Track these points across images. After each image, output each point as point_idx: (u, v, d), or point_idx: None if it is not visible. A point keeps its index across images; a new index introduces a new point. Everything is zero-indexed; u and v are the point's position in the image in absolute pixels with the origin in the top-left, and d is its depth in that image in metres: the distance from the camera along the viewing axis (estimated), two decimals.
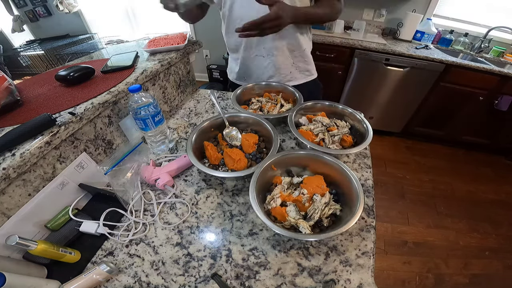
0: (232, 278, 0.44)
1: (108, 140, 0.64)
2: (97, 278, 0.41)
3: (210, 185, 0.60)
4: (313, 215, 0.47)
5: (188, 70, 0.96)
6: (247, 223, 0.52)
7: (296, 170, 0.59)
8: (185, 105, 0.92)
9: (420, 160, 2.08)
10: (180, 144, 0.73)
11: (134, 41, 1.07)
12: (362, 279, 0.43)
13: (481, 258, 1.43)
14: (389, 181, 1.87)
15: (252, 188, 0.48)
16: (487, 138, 2.05)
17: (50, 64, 2.44)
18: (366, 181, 0.60)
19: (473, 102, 1.84)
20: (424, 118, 2.05)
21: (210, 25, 2.70)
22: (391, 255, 1.40)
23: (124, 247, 0.49)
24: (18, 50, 2.66)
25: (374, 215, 0.53)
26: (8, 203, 0.43)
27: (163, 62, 0.77)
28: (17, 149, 0.43)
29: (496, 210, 1.71)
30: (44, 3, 2.80)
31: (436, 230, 1.55)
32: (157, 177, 0.58)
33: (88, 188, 0.56)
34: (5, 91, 0.55)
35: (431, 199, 1.75)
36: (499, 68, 1.67)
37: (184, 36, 0.89)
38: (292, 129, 0.63)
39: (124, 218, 0.54)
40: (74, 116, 0.51)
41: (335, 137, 0.65)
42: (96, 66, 0.72)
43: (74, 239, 0.50)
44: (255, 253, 0.47)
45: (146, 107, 0.59)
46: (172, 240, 0.50)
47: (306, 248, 0.47)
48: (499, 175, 2.00)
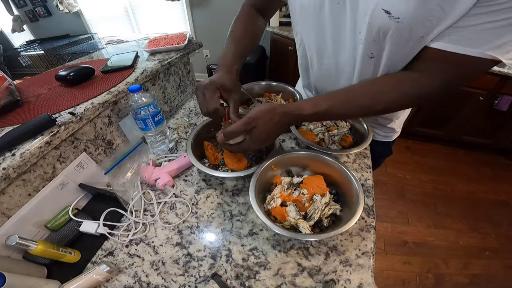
0: (232, 278, 0.44)
1: (108, 140, 0.64)
2: (97, 278, 0.41)
3: (210, 185, 0.60)
4: (313, 215, 0.47)
5: (188, 70, 0.96)
6: (247, 223, 0.52)
7: (296, 170, 0.59)
8: (185, 105, 0.92)
9: (420, 160, 2.08)
10: (180, 144, 0.73)
11: (134, 41, 1.07)
12: (362, 279, 0.43)
13: (481, 258, 1.43)
14: (389, 181, 1.87)
15: (252, 188, 0.48)
16: (487, 138, 2.05)
17: (50, 64, 2.44)
18: (366, 181, 0.60)
19: (473, 102, 1.84)
20: (424, 118, 2.05)
21: (210, 25, 2.70)
22: (391, 255, 1.40)
23: (124, 247, 0.49)
24: (18, 50, 2.67)
25: (374, 215, 0.53)
26: (8, 203, 0.43)
27: (163, 62, 0.77)
28: (17, 149, 0.43)
29: (496, 210, 1.71)
30: (44, 3, 2.80)
31: (436, 230, 1.55)
32: (157, 177, 0.58)
33: (88, 188, 0.56)
34: (5, 91, 0.55)
35: (431, 199, 1.75)
36: (499, 68, 1.67)
37: (184, 36, 0.89)
38: (292, 129, 0.63)
39: (124, 218, 0.54)
40: (74, 116, 0.51)
41: (335, 137, 0.65)
42: (96, 66, 0.72)
43: (74, 239, 0.50)
44: (255, 253, 0.47)
45: (146, 107, 0.59)
46: (172, 240, 0.50)
47: (306, 248, 0.47)
48: (499, 175, 2.00)
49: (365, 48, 0.48)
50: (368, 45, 0.47)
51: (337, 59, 0.57)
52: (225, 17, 2.58)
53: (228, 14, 2.54)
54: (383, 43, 0.45)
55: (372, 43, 0.46)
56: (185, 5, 2.61)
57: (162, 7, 2.69)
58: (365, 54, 0.49)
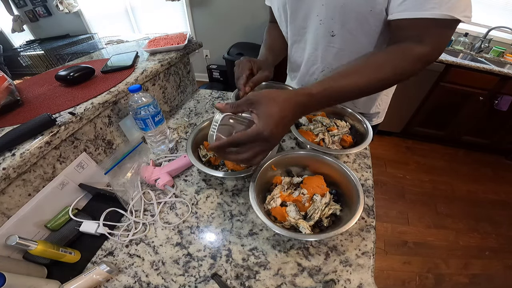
0: (232, 278, 0.44)
1: (108, 140, 0.64)
2: (97, 278, 0.41)
3: (210, 185, 0.60)
4: (313, 215, 0.47)
5: (188, 70, 0.96)
6: (247, 223, 0.52)
7: (296, 170, 0.59)
8: (185, 105, 0.92)
9: (420, 160, 2.08)
10: (180, 144, 0.73)
11: (134, 41, 1.07)
12: (362, 279, 0.43)
13: (481, 258, 1.43)
14: (389, 181, 1.87)
15: (252, 188, 0.48)
16: (487, 138, 2.05)
17: (50, 64, 2.44)
18: (366, 181, 0.60)
19: (473, 102, 1.84)
20: (424, 118, 2.05)
21: (210, 25, 2.70)
22: (391, 255, 1.40)
23: (124, 247, 0.49)
24: (18, 50, 2.67)
25: (374, 215, 0.53)
26: (8, 203, 0.43)
27: (163, 62, 0.77)
28: (17, 149, 0.43)
29: (496, 210, 1.71)
30: (44, 3, 2.80)
31: (436, 230, 1.55)
32: (157, 177, 0.58)
33: (88, 188, 0.56)
34: (5, 91, 0.55)
35: (431, 199, 1.75)
36: (499, 68, 1.67)
37: (184, 36, 0.89)
38: (292, 129, 0.63)
39: (124, 218, 0.54)
40: (74, 116, 0.51)
41: (335, 137, 0.65)
42: (96, 66, 0.72)
43: (74, 239, 0.50)
44: (255, 253, 0.47)
45: (146, 107, 0.59)
46: (172, 240, 0.50)
47: (306, 248, 0.47)
48: (499, 175, 2.00)
49: (326, 27, 0.56)
50: (328, 24, 0.55)
51: (305, 45, 0.65)
52: (225, 17, 2.58)
53: (228, 14, 2.54)
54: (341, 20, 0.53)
55: (331, 22, 0.54)
56: (185, 5, 2.61)
57: (162, 7, 2.69)
58: (326, 32, 0.57)
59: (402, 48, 0.44)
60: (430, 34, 0.42)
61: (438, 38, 0.43)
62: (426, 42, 0.42)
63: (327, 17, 0.54)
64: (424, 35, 0.42)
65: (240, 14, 2.51)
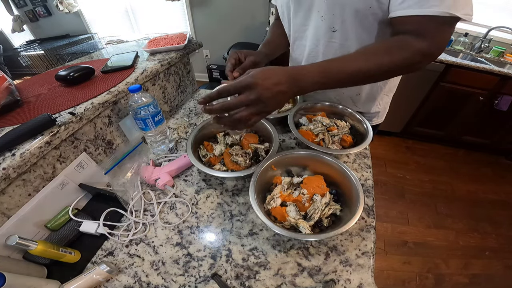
0: (232, 278, 0.44)
1: (108, 140, 0.64)
2: (97, 278, 0.41)
3: (210, 185, 0.60)
4: (313, 215, 0.47)
5: (188, 70, 0.96)
6: (247, 223, 0.52)
7: (296, 170, 0.59)
8: (185, 105, 0.92)
9: (420, 160, 2.08)
10: (180, 144, 0.73)
11: (134, 41, 1.07)
12: (362, 279, 0.43)
13: (481, 258, 1.43)
14: (389, 181, 1.86)
15: (252, 188, 0.48)
16: (487, 138, 2.05)
17: (50, 64, 2.44)
18: (366, 181, 0.60)
19: (473, 102, 1.84)
20: (424, 118, 2.05)
21: (210, 25, 2.70)
22: (391, 255, 1.40)
23: (124, 247, 0.49)
24: (18, 50, 2.66)
25: (374, 215, 0.53)
26: (8, 203, 0.43)
27: (163, 62, 0.77)
28: (17, 149, 0.43)
29: (496, 210, 1.71)
30: (44, 3, 2.80)
31: (436, 230, 1.55)
32: (157, 177, 0.58)
33: (88, 188, 0.56)
34: (5, 91, 0.55)
35: (431, 199, 1.75)
36: (499, 68, 1.67)
37: (184, 36, 0.89)
38: (292, 129, 0.63)
39: (124, 218, 0.54)
40: (74, 116, 0.51)
41: (335, 137, 0.65)
42: (96, 66, 0.72)
43: (74, 239, 0.50)
44: (255, 253, 0.47)
45: (146, 107, 0.59)
46: (172, 240, 0.50)
47: (306, 248, 0.47)
48: (499, 175, 2.00)
49: (327, 23, 0.57)
50: (329, 19, 0.56)
51: (306, 40, 0.66)
52: (225, 17, 2.58)
53: (228, 14, 2.54)
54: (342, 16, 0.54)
55: (332, 17, 0.55)
56: (185, 5, 2.61)
57: (162, 7, 2.69)
58: (327, 28, 0.58)
59: (401, 39, 0.45)
60: (429, 30, 0.43)
61: (437, 34, 0.43)
62: (425, 37, 0.43)
63: (328, 13, 0.55)
64: (423, 30, 0.43)
65: (240, 14, 2.51)
